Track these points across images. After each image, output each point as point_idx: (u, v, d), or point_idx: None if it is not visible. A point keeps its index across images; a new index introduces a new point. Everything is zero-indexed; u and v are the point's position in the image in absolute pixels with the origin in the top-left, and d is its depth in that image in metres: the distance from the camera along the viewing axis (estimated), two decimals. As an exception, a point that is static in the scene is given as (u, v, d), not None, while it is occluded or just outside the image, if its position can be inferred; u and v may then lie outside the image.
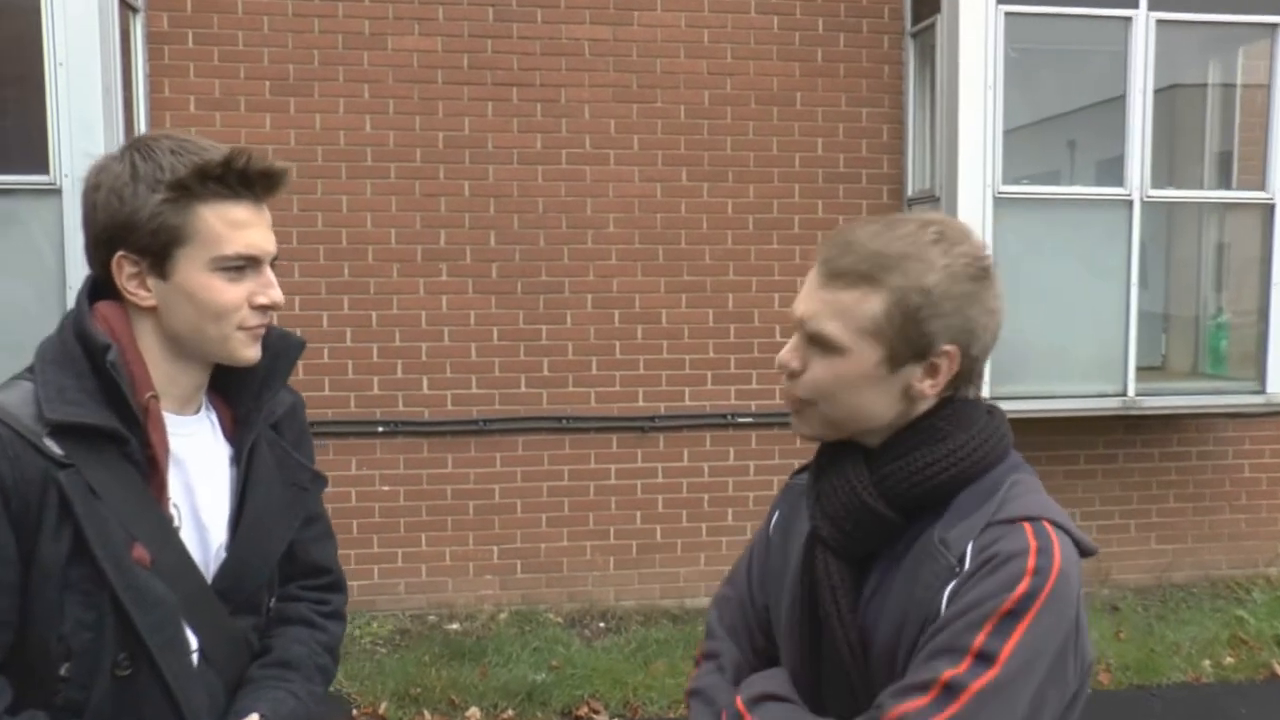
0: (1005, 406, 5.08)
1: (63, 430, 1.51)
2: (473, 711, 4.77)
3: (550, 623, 5.70)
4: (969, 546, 1.41)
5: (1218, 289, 6.46)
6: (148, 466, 1.59)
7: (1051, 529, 1.42)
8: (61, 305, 4.47)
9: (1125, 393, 5.66)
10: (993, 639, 1.34)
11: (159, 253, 1.57)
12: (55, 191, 4.66)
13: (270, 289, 1.63)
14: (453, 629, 5.62)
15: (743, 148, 5.88)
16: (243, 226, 1.59)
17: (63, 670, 1.52)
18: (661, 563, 5.94)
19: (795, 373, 1.51)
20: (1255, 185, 6.13)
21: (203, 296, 1.59)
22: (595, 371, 5.88)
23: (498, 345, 5.78)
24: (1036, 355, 5.55)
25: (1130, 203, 5.59)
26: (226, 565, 1.68)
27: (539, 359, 5.82)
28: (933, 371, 1.46)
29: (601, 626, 5.75)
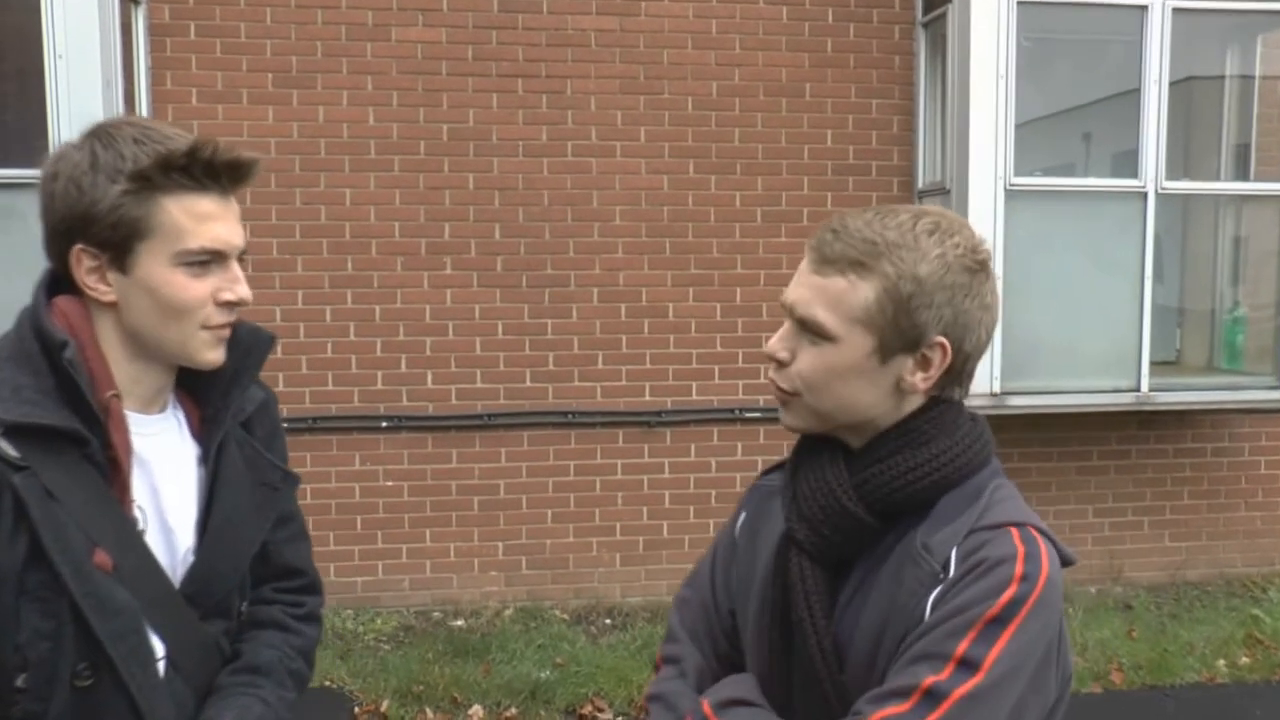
0: (1017, 402, 5.06)
1: (18, 431, 1.45)
2: (475, 709, 4.73)
3: (556, 619, 5.66)
4: (953, 552, 1.37)
5: (1234, 282, 6.36)
6: (109, 468, 1.53)
7: (1037, 534, 1.39)
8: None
9: (1139, 388, 5.57)
10: (977, 645, 1.31)
11: (119, 246, 1.51)
12: (55, 185, 4.61)
13: (237, 284, 1.57)
14: (457, 625, 5.58)
15: (751, 139, 5.81)
16: (208, 219, 1.53)
17: (19, 681, 1.46)
18: (668, 559, 5.89)
19: (783, 362, 1.47)
20: (1273, 177, 6.03)
21: (165, 292, 1.53)
22: (601, 366, 5.82)
23: (502, 339, 5.73)
24: (1048, 349, 5.48)
25: (1144, 195, 5.50)
26: (195, 569, 1.63)
27: (544, 353, 5.77)
28: (924, 364, 1.42)
29: (607, 623, 5.70)
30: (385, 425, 5.65)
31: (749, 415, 5.89)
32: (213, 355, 1.60)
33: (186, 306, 1.54)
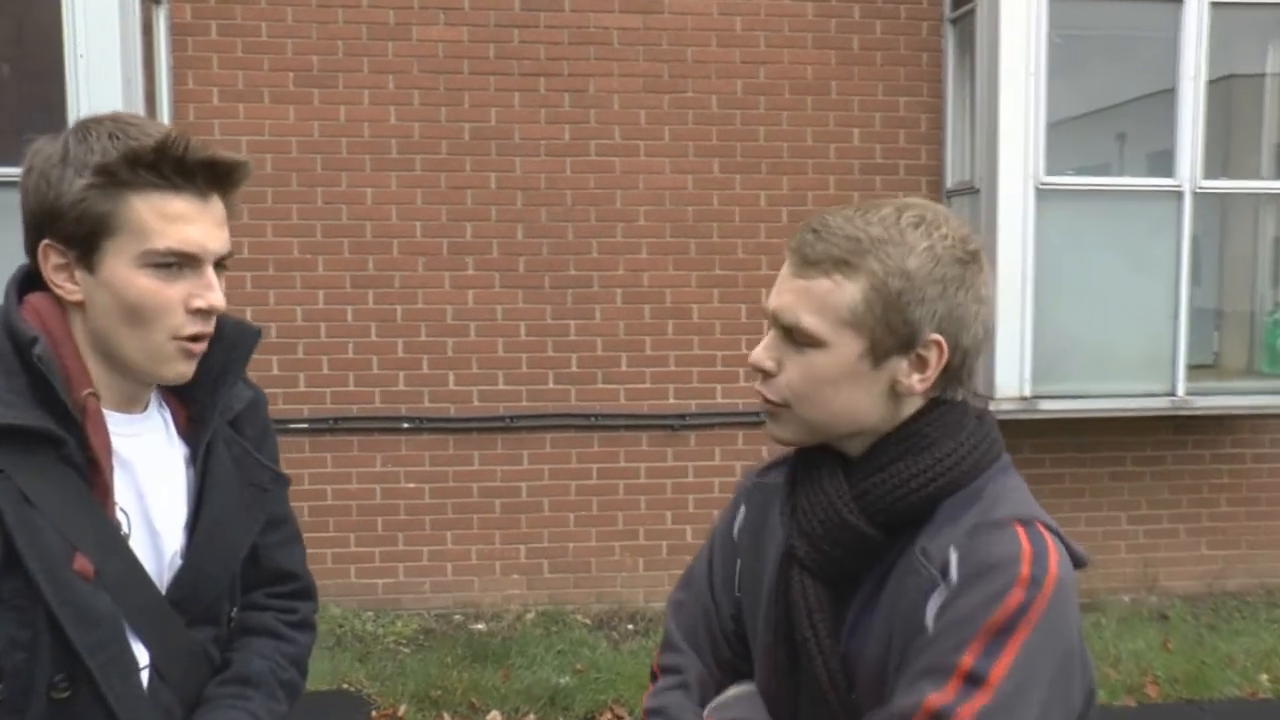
0: (1048, 406, 4.93)
1: None
2: (493, 715, 4.67)
3: (577, 624, 5.60)
4: (953, 554, 1.28)
5: (1275, 283, 6.20)
6: (89, 470, 1.46)
7: (1045, 531, 1.29)
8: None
9: (1174, 392, 5.44)
10: (983, 658, 1.21)
11: (85, 243, 1.44)
12: (73, 184, 4.61)
13: (209, 291, 1.48)
14: (478, 629, 5.53)
15: (776, 138, 5.72)
16: (178, 220, 1.45)
17: None
18: (692, 564, 5.80)
19: (769, 373, 1.38)
20: (1315, 175, 5.87)
21: (128, 295, 1.45)
22: (625, 368, 5.76)
23: (525, 340, 5.67)
24: (1081, 352, 5.36)
25: (1180, 194, 5.37)
26: (182, 573, 1.57)
27: (567, 355, 5.71)
28: (920, 365, 1.34)
29: (630, 629, 5.63)
30: (407, 426, 5.61)
31: (774, 418, 5.79)
32: (180, 368, 1.52)
33: (150, 311, 1.45)
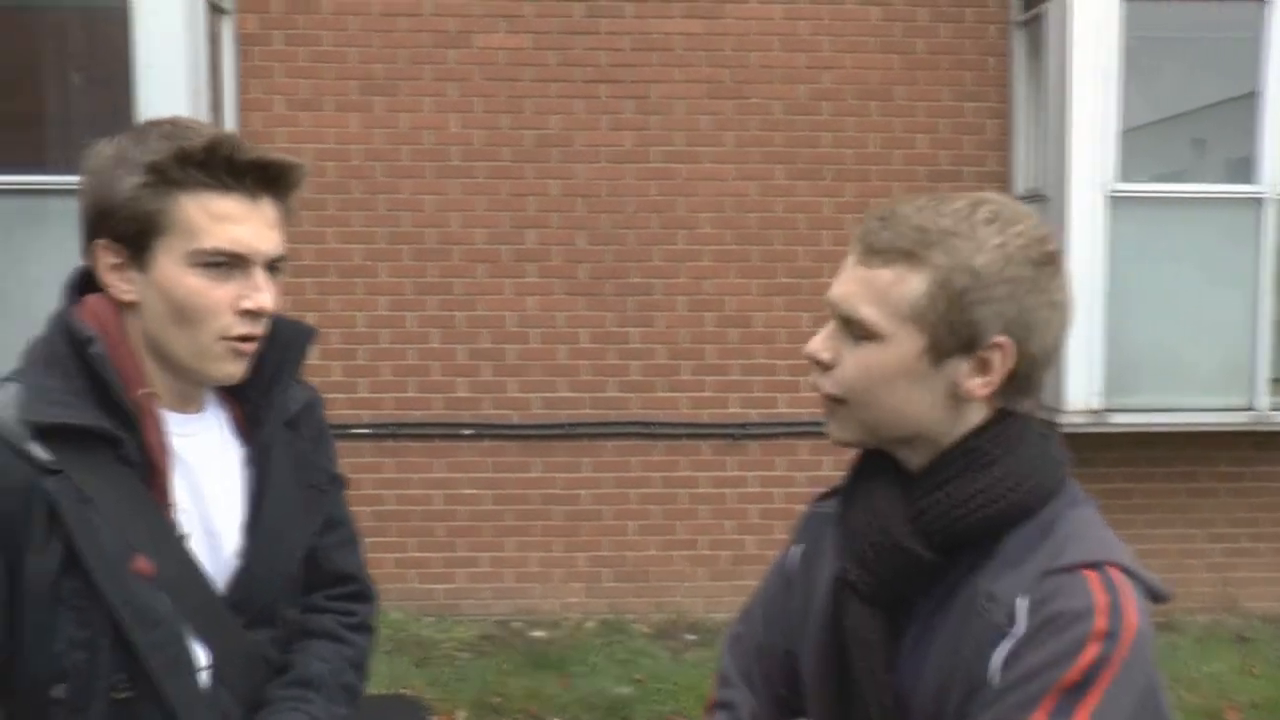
0: (1119, 419, 4.77)
1: (48, 433, 1.39)
2: (551, 724, 4.65)
3: (637, 634, 5.55)
4: (1021, 602, 1.19)
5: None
6: (147, 470, 1.46)
7: (1120, 576, 1.20)
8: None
9: (1253, 406, 5.28)
10: (1054, 718, 1.13)
11: (136, 242, 1.44)
12: (141, 193, 4.67)
13: (258, 293, 1.47)
14: (537, 636, 5.51)
15: (840, 144, 5.65)
16: (226, 220, 1.44)
17: (56, 692, 1.40)
18: (754, 575, 5.67)
19: (826, 365, 1.32)
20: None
21: (176, 294, 1.45)
22: (686, 376, 5.71)
23: (587, 348, 5.65)
24: (1154, 365, 5.23)
25: (1260, 201, 5.21)
26: (240, 574, 1.56)
27: (628, 362, 5.68)
28: (983, 368, 1.26)
29: (690, 639, 5.57)
30: (468, 433, 5.61)
31: (837, 428, 5.71)
32: (229, 369, 1.51)
33: (198, 311, 1.45)
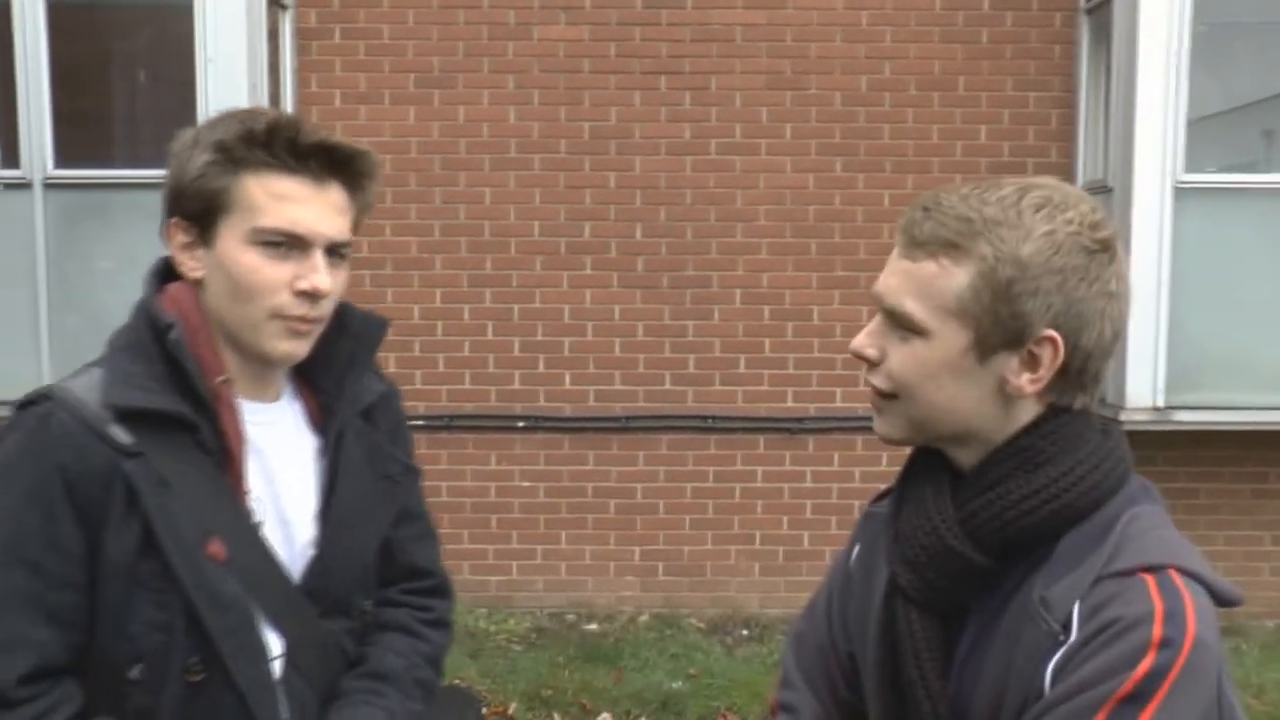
0: (1183, 417, 4.65)
1: (128, 417, 1.42)
2: (604, 717, 4.63)
3: (691, 628, 5.54)
4: (1075, 608, 1.14)
5: None
6: (222, 456, 1.49)
7: (1180, 580, 1.13)
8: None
9: (1325, 404, 5.14)
10: None
11: (204, 219, 1.47)
12: (201, 185, 4.74)
13: (314, 274, 1.47)
14: (590, 629, 5.51)
15: (901, 136, 5.57)
16: (286, 200, 1.46)
17: (133, 673, 1.43)
18: (809, 571, 5.70)
19: (872, 360, 1.27)
20: None
21: (236, 270, 1.46)
22: (743, 369, 5.67)
23: (642, 341, 5.63)
24: (1220, 361, 5.10)
25: (1334, 192, 5.07)
26: (314, 563, 1.57)
27: (685, 356, 5.65)
28: (1032, 363, 1.20)
29: (744, 635, 5.54)
30: (522, 425, 5.62)
31: (895, 423, 5.64)
32: (286, 346, 1.51)
33: (253, 286, 1.46)
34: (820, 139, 5.58)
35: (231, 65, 4.76)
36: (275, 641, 1.52)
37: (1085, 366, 1.23)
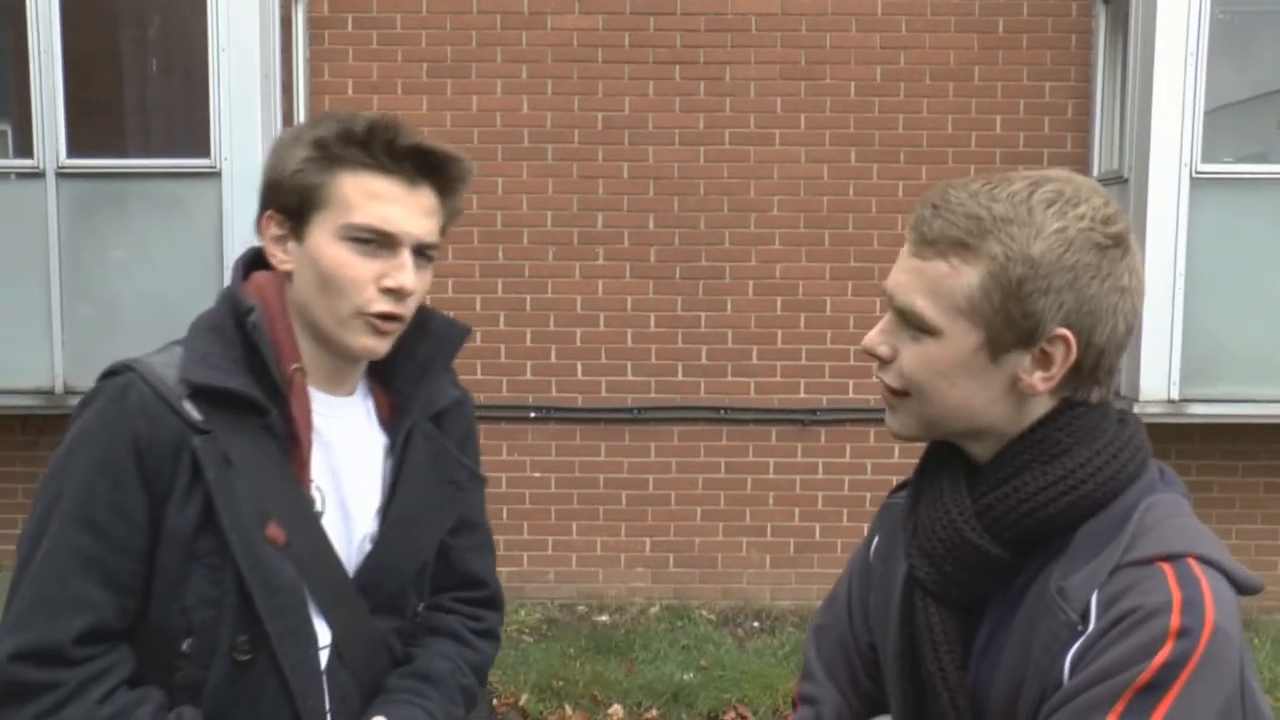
0: (1197, 410, 4.60)
1: (202, 394, 1.47)
2: (615, 709, 4.63)
3: (702, 620, 5.53)
4: (1093, 597, 1.14)
5: None
6: (290, 443, 1.52)
7: (1199, 568, 1.13)
8: (220, 286, 4.56)
9: (1339, 397, 5.09)
10: None
11: (298, 213, 1.51)
12: (215, 174, 4.77)
13: (400, 272, 1.49)
14: (602, 621, 5.51)
15: (916, 126, 5.54)
16: (379, 199, 1.49)
17: (184, 646, 1.46)
18: (820, 563, 5.69)
19: (883, 358, 1.28)
20: None
21: (324, 264, 1.50)
22: (755, 361, 5.65)
23: (655, 332, 5.62)
24: (1236, 354, 5.05)
25: (1354, 184, 5.02)
26: (370, 559, 1.60)
27: (697, 347, 5.63)
28: (1044, 362, 1.20)
29: (755, 626, 5.54)
30: (533, 416, 5.61)
31: (908, 415, 5.62)
32: (367, 343, 1.53)
33: (340, 281, 1.49)
34: (834, 129, 5.55)
35: (244, 54, 4.75)
36: (324, 631, 1.54)
37: (1098, 363, 1.22)
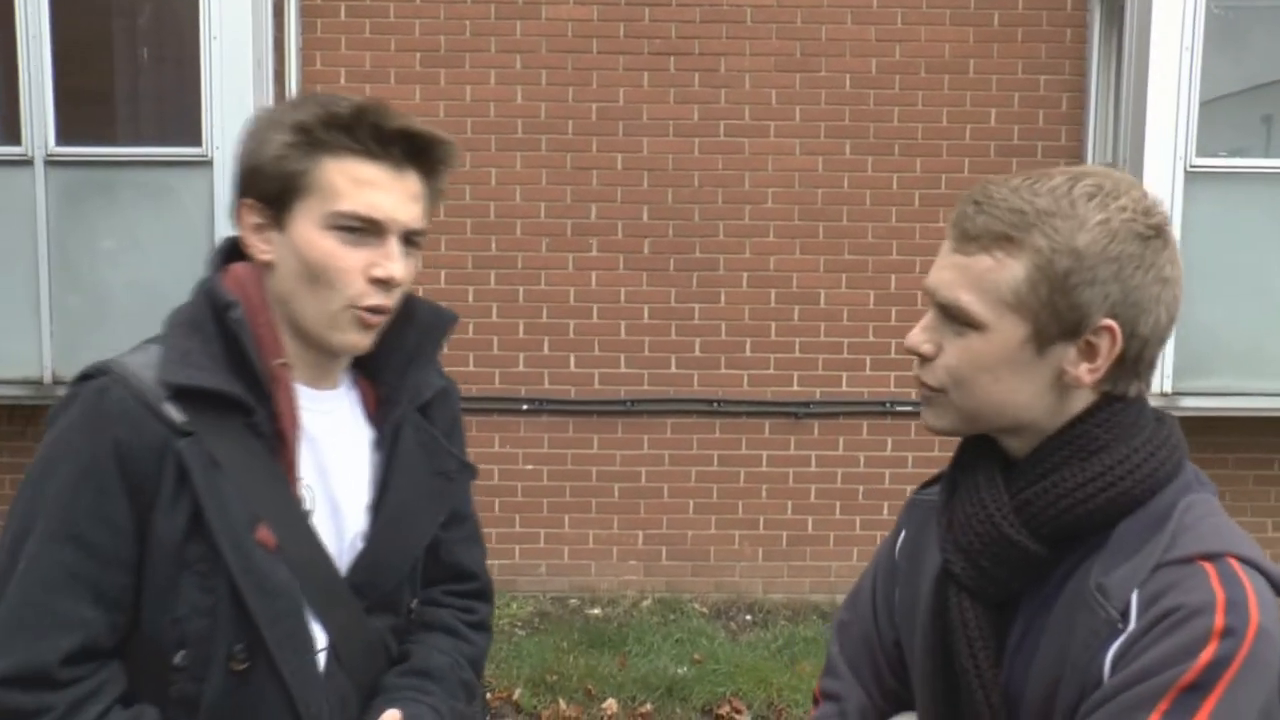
0: (1190, 403, 4.62)
1: (183, 395, 1.40)
2: (610, 703, 4.61)
3: (694, 613, 5.52)
4: (1134, 595, 1.13)
5: None
6: (275, 441, 1.46)
7: (1240, 569, 1.12)
8: (211, 276, 4.53)
9: (1331, 391, 5.10)
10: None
11: (279, 201, 1.44)
12: (207, 163, 4.73)
13: (389, 261, 1.45)
14: (594, 614, 5.49)
15: (910, 119, 5.53)
16: (366, 185, 1.43)
17: (177, 659, 1.40)
18: (812, 555, 5.68)
19: (927, 356, 1.28)
20: None
21: (310, 255, 1.43)
22: (749, 353, 5.64)
23: (648, 324, 5.60)
24: (1229, 347, 5.06)
25: (1347, 178, 5.03)
26: (363, 556, 1.54)
27: (690, 339, 5.62)
28: (1090, 353, 1.20)
29: (748, 619, 5.53)
30: (526, 408, 5.59)
31: (900, 409, 5.62)
32: (353, 338, 1.49)
33: (329, 273, 1.44)
34: (829, 121, 5.53)
35: (236, 42, 4.70)
36: (320, 634, 1.49)
37: (1142, 354, 1.23)
